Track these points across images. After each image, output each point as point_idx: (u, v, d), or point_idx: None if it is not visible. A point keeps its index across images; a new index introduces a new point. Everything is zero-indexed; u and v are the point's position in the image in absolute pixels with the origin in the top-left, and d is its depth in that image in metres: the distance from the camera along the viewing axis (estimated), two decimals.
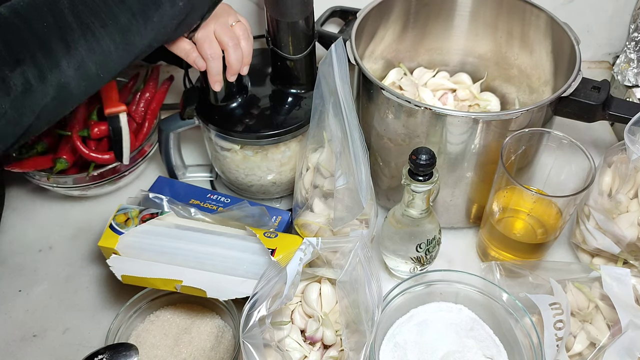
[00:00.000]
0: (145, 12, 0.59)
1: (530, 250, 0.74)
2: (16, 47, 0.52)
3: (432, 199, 0.70)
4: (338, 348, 0.64)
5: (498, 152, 0.68)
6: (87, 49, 0.56)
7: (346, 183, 0.63)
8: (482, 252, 0.79)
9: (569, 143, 0.70)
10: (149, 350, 0.66)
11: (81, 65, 0.56)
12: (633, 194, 0.71)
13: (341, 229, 0.67)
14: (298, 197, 0.75)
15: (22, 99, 0.53)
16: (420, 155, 0.61)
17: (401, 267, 0.74)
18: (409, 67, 0.92)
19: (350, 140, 0.64)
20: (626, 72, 0.97)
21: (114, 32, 0.57)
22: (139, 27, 0.59)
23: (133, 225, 0.68)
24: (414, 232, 0.69)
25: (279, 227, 0.75)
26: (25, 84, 0.53)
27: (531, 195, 0.69)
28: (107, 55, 0.58)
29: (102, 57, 0.57)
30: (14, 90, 0.52)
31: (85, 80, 0.57)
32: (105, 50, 0.57)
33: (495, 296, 0.67)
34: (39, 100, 0.54)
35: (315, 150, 0.74)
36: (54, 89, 0.55)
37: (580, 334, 0.64)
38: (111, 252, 0.67)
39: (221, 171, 0.85)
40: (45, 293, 0.77)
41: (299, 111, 0.77)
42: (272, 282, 0.56)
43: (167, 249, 0.67)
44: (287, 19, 0.71)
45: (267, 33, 0.75)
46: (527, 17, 0.81)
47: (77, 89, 0.57)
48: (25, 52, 0.53)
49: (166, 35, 0.63)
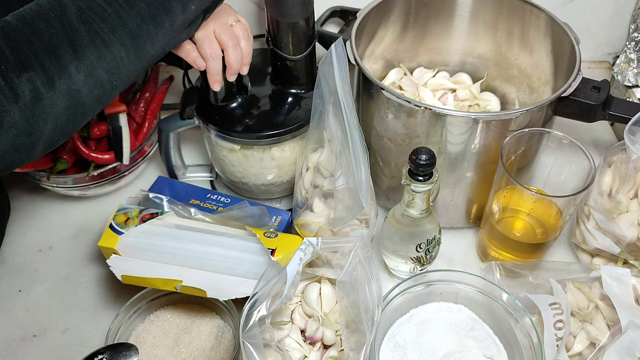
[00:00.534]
0: (155, 17, 0.59)
1: (530, 250, 0.74)
2: (23, 54, 0.52)
3: (432, 199, 0.70)
4: (338, 348, 0.64)
5: (498, 152, 0.68)
6: (97, 55, 0.55)
7: (346, 183, 0.63)
8: (482, 252, 0.79)
9: (569, 143, 0.70)
10: (149, 350, 0.66)
11: (91, 72, 0.55)
12: (633, 194, 0.71)
13: (341, 229, 0.67)
14: (298, 197, 0.75)
15: (32, 107, 0.52)
16: (420, 155, 0.61)
17: (401, 267, 0.74)
18: (409, 67, 0.91)
19: (350, 140, 0.64)
20: (626, 72, 0.97)
21: (124, 37, 0.57)
22: (149, 33, 0.59)
23: (133, 225, 0.68)
24: (414, 232, 0.69)
25: (279, 227, 0.75)
26: (34, 91, 0.52)
27: (531, 195, 0.69)
28: (118, 61, 0.57)
29: (113, 64, 0.57)
30: (23, 99, 0.51)
31: (97, 89, 0.57)
32: (117, 56, 0.57)
33: (495, 296, 0.67)
34: (49, 109, 0.53)
35: (315, 150, 0.74)
36: (64, 96, 0.54)
37: (580, 334, 0.64)
38: (111, 252, 0.67)
39: (221, 171, 0.85)
40: (45, 293, 0.77)
41: (299, 111, 0.77)
42: (272, 282, 0.56)
43: (167, 249, 0.67)
44: (288, 19, 0.71)
45: (267, 33, 0.75)
46: (527, 17, 0.81)
47: (89, 97, 0.56)
48: (32, 59, 0.52)
49: (178, 40, 0.63)
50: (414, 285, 0.68)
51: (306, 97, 0.78)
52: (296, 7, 0.70)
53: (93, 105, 0.58)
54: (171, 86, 0.92)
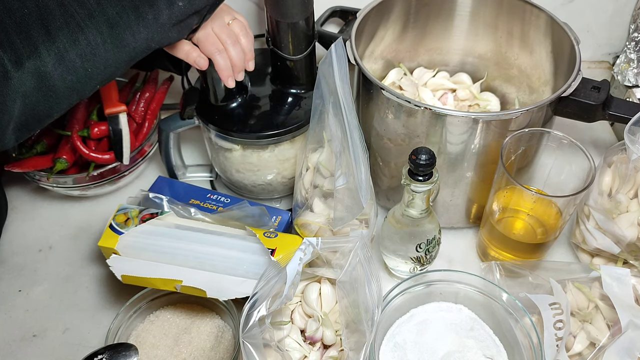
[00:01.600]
0: (138, 8, 0.57)
1: (530, 250, 0.74)
2: None
3: (432, 199, 0.70)
4: (338, 348, 0.64)
5: (498, 152, 0.68)
6: (71, 39, 0.54)
7: (346, 183, 0.63)
8: (482, 252, 0.79)
9: (569, 143, 0.70)
10: (149, 350, 0.66)
11: (63, 56, 0.54)
12: (633, 194, 0.71)
13: (341, 229, 0.67)
14: (298, 197, 0.75)
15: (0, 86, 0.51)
16: (420, 155, 0.61)
17: (401, 267, 0.74)
18: (409, 67, 0.91)
19: (350, 140, 0.64)
20: (626, 72, 0.97)
21: (101, 24, 0.55)
22: (129, 23, 0.57)
23: (133, 225, 0.68)
24: (413, 232, 0.69)
25: (279, 227, 0.75)
26: (2, 69, 0.51)
27: (531, 195, 0.69)
28: (93, 48, 0.56)
29: (88, 50, 0.55)
30: None
31: (70, 74, 0.55)
32: (92, 42, 0.55)
33: (495, 296, 0.67)
34: (17, 88, 0.52)
35: (315, 150, 0.74)
36: (33, 77, 0.53)
37: (580, 334, 0.64)
38: (111, 252, 0.67)
39: (221, 171, 0.85)
40: (45, 293, 0.77)
41: (299, 111, 0.77)
42: (272, 282, 0.56)
43: (167, 249, 0.67)
44: (288, 19, 0.71)
45: (267, 33, 0.75)
46: (527, 17, 0.81)
47: (62, 82, 0.55)
48: (3, 38, 0.51)
49: (166, 37, 0.62)
50: (414, 285, 0.68)
51: (306, 97, 0.78)
52: (296, 7, 0.70)
53: (67, 92, 0.56)
54: (171, 86, 0.92)
